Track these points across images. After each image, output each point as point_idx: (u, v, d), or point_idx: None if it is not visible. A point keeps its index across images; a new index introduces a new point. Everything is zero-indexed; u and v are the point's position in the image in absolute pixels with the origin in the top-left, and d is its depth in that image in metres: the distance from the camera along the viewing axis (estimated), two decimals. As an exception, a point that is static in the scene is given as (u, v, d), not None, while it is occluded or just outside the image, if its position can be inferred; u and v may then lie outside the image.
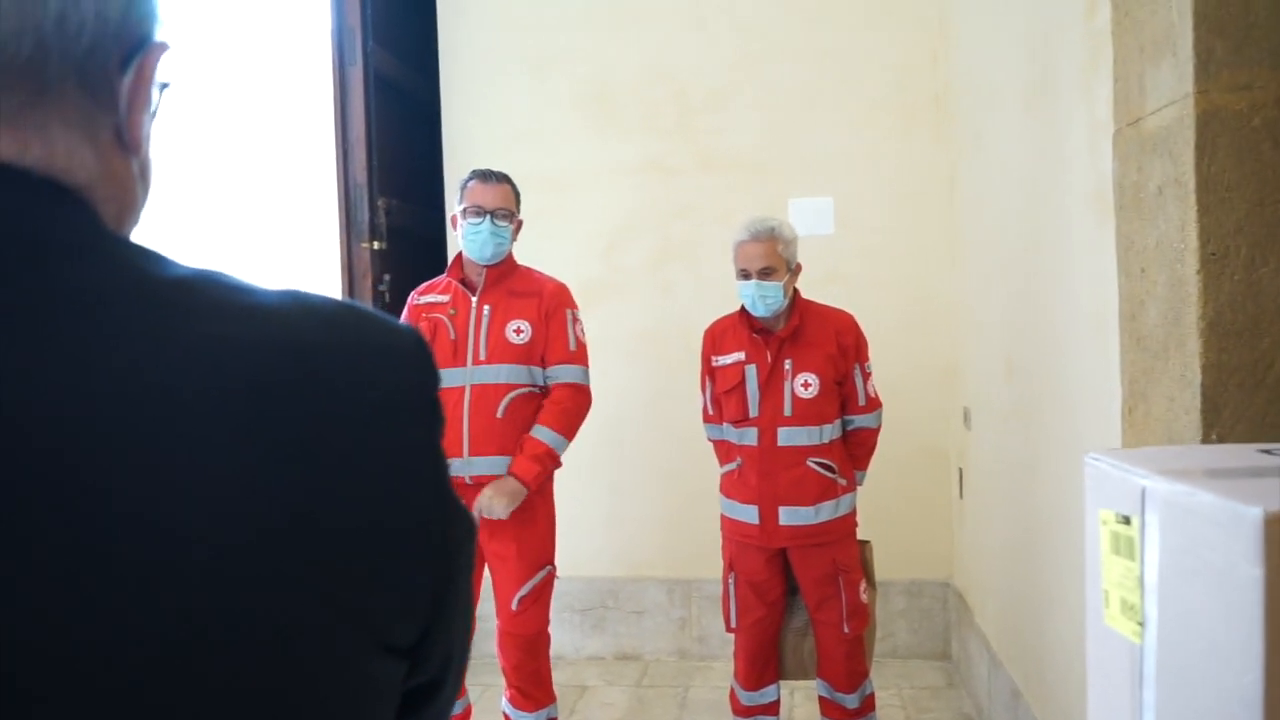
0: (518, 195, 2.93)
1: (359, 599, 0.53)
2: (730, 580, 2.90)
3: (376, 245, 3.71)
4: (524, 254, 3.02)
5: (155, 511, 0.48)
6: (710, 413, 2.97)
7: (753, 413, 2.79)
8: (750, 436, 2.80)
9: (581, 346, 2.92)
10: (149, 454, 0.48)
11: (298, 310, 0.56)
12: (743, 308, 2.84)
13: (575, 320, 2.92)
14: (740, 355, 2.82)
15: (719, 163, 4.00)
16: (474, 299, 2.84)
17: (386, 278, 3.75)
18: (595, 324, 3.89)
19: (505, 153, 4.03)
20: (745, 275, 2.76)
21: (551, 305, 2.87)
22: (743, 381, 2.81)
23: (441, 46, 4.16)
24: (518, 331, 2.81)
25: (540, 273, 2.97)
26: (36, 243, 0.51)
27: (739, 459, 2.84)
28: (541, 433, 2.77)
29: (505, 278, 2.88)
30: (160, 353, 0.50)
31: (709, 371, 2.94)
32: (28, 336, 0.48)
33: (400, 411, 0.57)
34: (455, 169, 4.00)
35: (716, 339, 2.91)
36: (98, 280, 0.51)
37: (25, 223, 0.51)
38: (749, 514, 2.80)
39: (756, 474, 2.78)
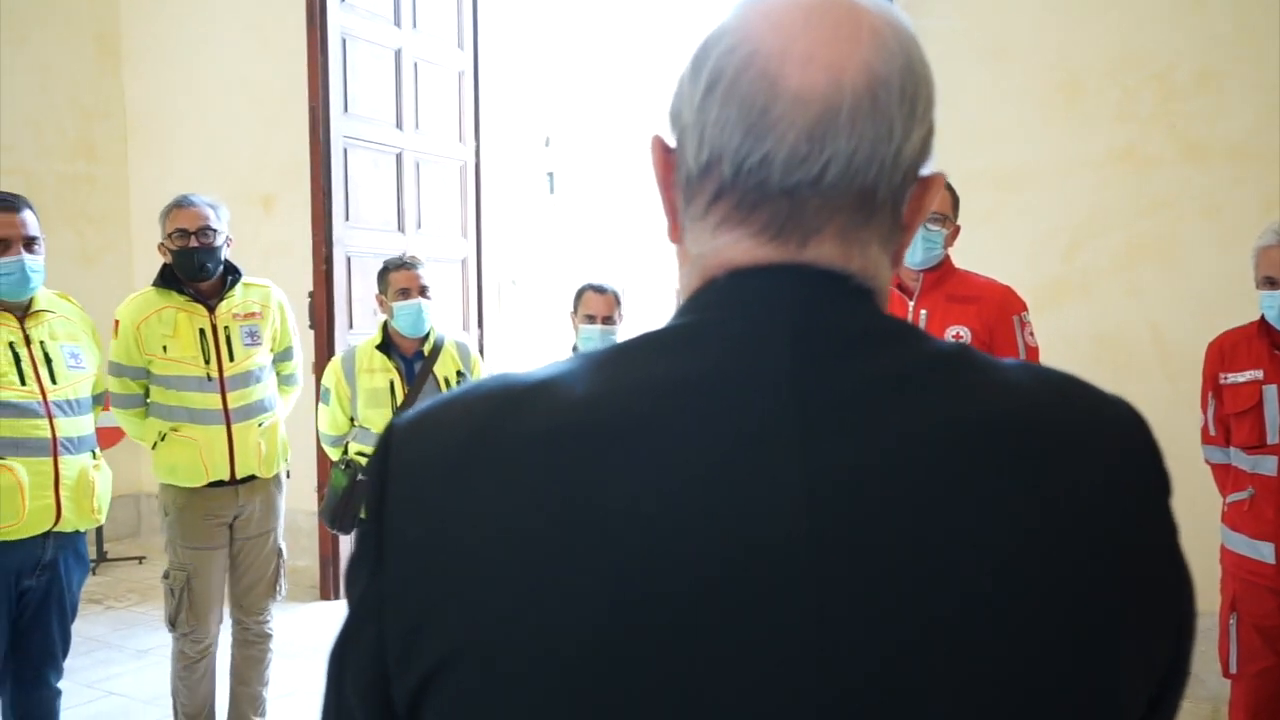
0: (956, 200, 2.83)
1: (1111, 675, 0.54)
2: (1232, 621, 2.61)
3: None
4: (977, 253, 2.91)
5: (925, 582, 0.52)
6: (1212, 434, 2.69)
7: (1272, 439, 2.49)
8: (1268, 465, 2.50)
9: (1032, 352, 2.76)
10: (919, 516, 0.53)
11: (1036, 384, 0.59)
12: (1262, 319, 2.53)
13: (1023, 324, 2.77)
14: (1257, 374, 2.52)
15: (1207, 152, 3.60)
16: (910, 303, 2.79)
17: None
18: (1051, 326, 3.67)
19: (959, 148, 3.91)
20: (1270, 284, 2.46)
21: (995, 313, 2.73)
22: (1259, 403, 2.51)
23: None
24: (956, 337, 2.71)
25: (981, 276, 2.84)
26: (853, 333, 0.58)
27: (1250, 489, 2.54)
28: None
29: (943, 281, 2.79)
30: (935, 427, 0.55)
31: (1213, 389, 2.66)
32: (841, 411, 0.55)
33: (1146, 485, 0.59)
34: (907, 166, 3.95)
35: (1226, 354, 2.63)
36: (889, 366, 0.57)
37: (846, 317, 0.59)
38: (1262, 551, 2.50)
39: (1275, 508, 2.48)
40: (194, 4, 5.69)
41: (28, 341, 2.52)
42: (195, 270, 2.91)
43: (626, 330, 3.45)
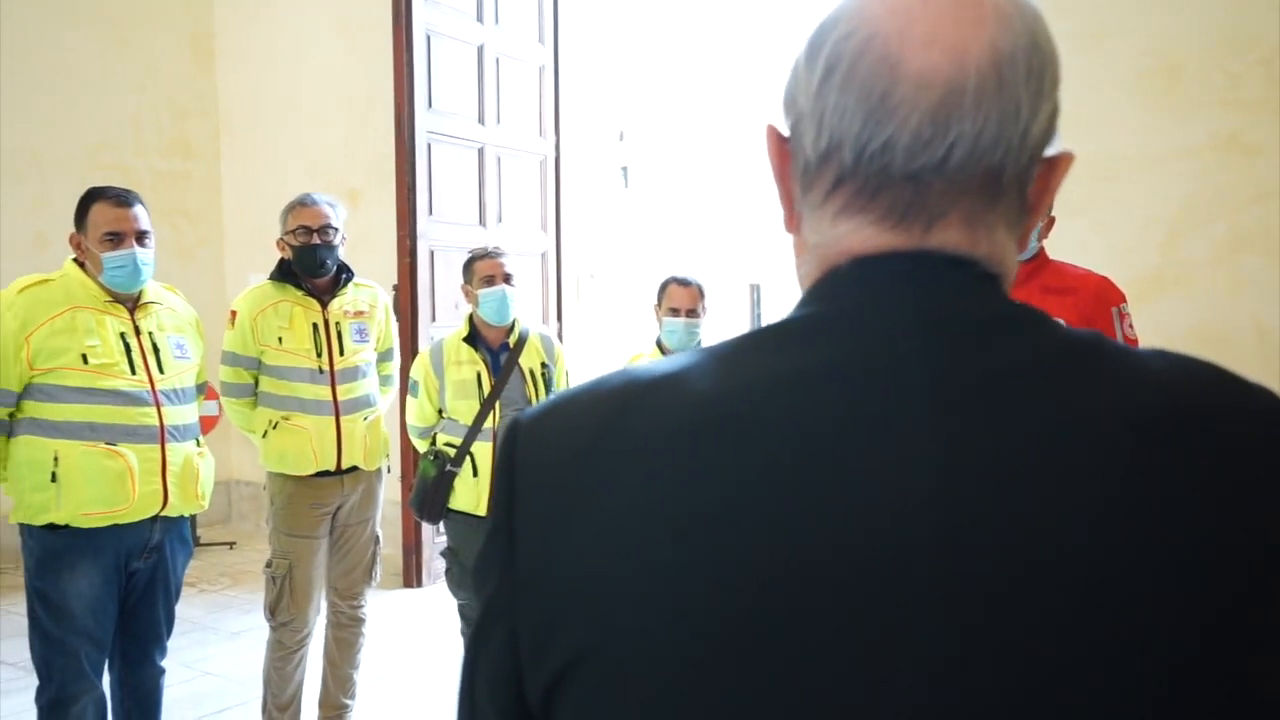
0: None
1: (1268, 670, 0.52)
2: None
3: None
4: (1071, 244, 2.83)
5: (1054, 575, 0.50)
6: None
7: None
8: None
9: (1132, 344, 2.67)
10: (1061, 513, 0.51)
11: (1178, 372, 0.56)
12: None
13: (1122, 316, 2.68)
14: (1376, 369, 2.42)
15: (1317, 138, 3.46)
16: None
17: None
18: (1148, 320, 3.55)
19: (1051, 137, 3.82)
20: (1391, 276, 2.35)
21: (1093, 305, 2.64)
22: (1377, 400, 2.40)
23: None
24: None
25: (1077, 267, 2.76)
26: (983, 321, 0.57)
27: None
28: None
29: (1037, 273, 2.71)
30: (1075, 417, 0.53)
31: (1326, 386, 2.55)
32: (974, 401, 0.53)
33: None
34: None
35: (1340, 349, 2.52)
36: (1019, 353, 0.55)
37: (975, 303, 0.57)
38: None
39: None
40: (284, 6, 5.83)
41: (137, 332, 2.61)
42: (316, 266, 3.02)
43: (710, 324, 3.44)
